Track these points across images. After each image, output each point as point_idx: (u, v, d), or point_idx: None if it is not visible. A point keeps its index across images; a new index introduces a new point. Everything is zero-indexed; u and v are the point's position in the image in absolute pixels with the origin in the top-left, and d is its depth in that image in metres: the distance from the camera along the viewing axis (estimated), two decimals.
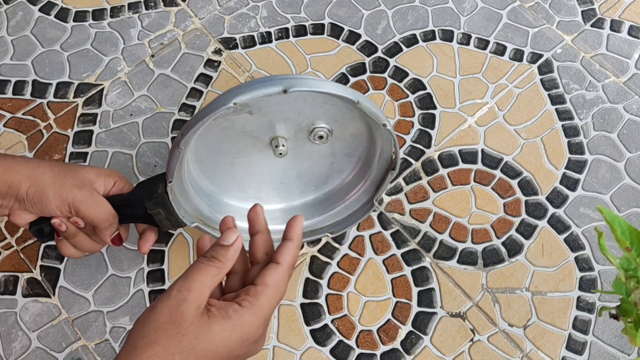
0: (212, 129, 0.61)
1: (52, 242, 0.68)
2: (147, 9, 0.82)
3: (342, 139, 0.61)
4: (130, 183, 0.60)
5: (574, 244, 0.68)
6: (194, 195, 0.63)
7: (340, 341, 0.64)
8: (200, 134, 0.59)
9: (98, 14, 0.82)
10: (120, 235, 0.59)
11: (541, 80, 0.77)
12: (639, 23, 0.81)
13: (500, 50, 0.79)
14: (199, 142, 0.61)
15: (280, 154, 0.60)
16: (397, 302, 0.66)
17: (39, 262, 0.68)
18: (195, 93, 0.77)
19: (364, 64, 0.78)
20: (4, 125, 0.75)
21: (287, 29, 0.81)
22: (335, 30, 0.81)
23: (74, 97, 0.77)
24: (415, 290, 0.67)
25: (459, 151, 0.73)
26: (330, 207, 0.67)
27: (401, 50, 0.79)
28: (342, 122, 0.59)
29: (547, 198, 0.71)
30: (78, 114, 0.76)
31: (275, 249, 0.46)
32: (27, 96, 0.76)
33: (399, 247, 0.68)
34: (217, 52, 0.79)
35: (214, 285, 0.43)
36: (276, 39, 0.80)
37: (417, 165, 0.73)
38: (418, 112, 0.75)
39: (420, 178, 0.72)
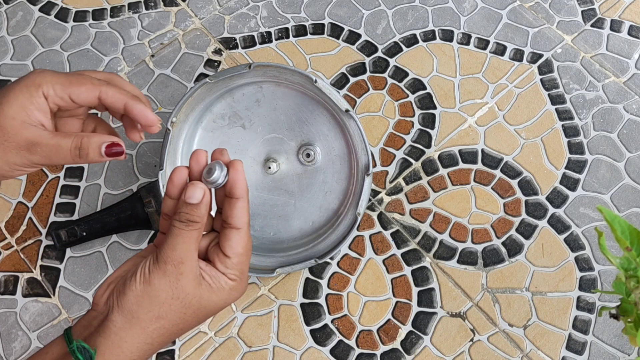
0: (210, 143, 0.64)
1: (51, 242, 0.68)
2: (147, 8, 0.82)
3: (331, 162, 0.64)
4: (65, 76, 0.45)
5: (574, 243, 0.68)
6: None
7: (340, 341, 0.64)
8: (199, 147, 0.64)
9: (98, 14, 0.82)
10: (113, 143, 0.45)
11: (541, 80, 0.77)
12: (639, 23, 0.81)
13: (500, 50, 0.79)
14: None
15: (269, 168, 0.65)
16: (397, 302, 0.66)
17: (39, 262, 0.68)
18: None
19: (364, 63, 0.78)
20: None
21: (287, 29, 0.81)
22: (335, 30, 0.81)
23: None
24: (415, 290, 0.67)
25: (459, 151, 0.73)
26: (321, 236, 0.65)
27: (401, 50, 0.79)
28: (327, 141, 0.62)
29: (547, 198, 0.71)
30: None
31: (230, 211, 0.44)
32: None
33: (399, 247, 0.68)
34: (217, 52, 0.79)
35: (198, 248, 0.43)
36: (276, 39, 0.80)
37: (417, 165, 0.73)
38: (418, 112, 0.75)
39: (420, 178, 0.72)
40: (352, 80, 0.77)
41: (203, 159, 0.44)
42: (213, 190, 0.45)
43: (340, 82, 0.77)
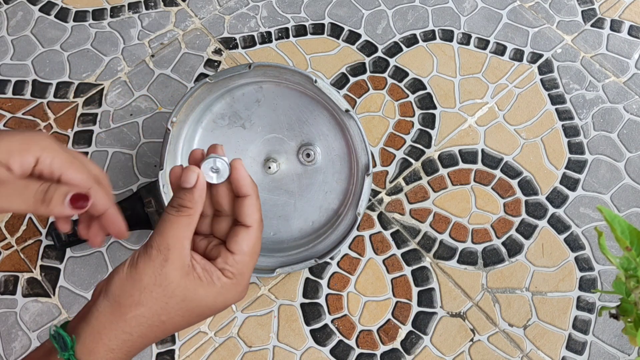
0: (210, 143, 0.64)
1: (51, 242, 0.68)
2: (147, 8, 0.82)
3: (331, 162, 0.64)
4: (68, 154, 0.45)
5: (574, 243, 0.68)
6: None
7: (340, 341, 0.64)
8: (199, 147, 0.64)
9: (98, 14, 0.82)
10: (79, 195, 0.43)
11: (541, 80, 0.77)
12: (639, 23, 0.81)
13: (500, 50, 0.79)
14: None
15: (269, 168, 0.65)
16: (397, 302, 0.66)
17: (39, 262, 0.68)
18: None
19: (364, 63, 0.78)
20: (4, 125, 0.75)
21: (287, 28, 0.81)
22: (335, 30, 0.81)
23: (74, 97, 0.77)
24: (415, 290, 0.67)
25: (459, 151, 0.73)
26: (321, 236, 0.65)
27: (401, 50, 0.79)
28: (327, 141, 0.62)
29: (547, 198, 0.71)
30: (78, 114, 0.76)
31: (239, 209, 0.43)
32: (27, 96, 0.77)
33: (399, 247, 0.68)
34: (217, 52, 0.79)
35: (191, 235, 0.41)
36: (276, 39, 0.80)
37: (417, 165, 0.73)
38: (418, 112, 0.75)
39: (420, 178, 0.72)
40: (352, 80, 0.77)
41: (199, 157, 0.44)
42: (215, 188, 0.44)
43: (340, 82, 0.77)
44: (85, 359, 0.39)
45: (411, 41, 0.80)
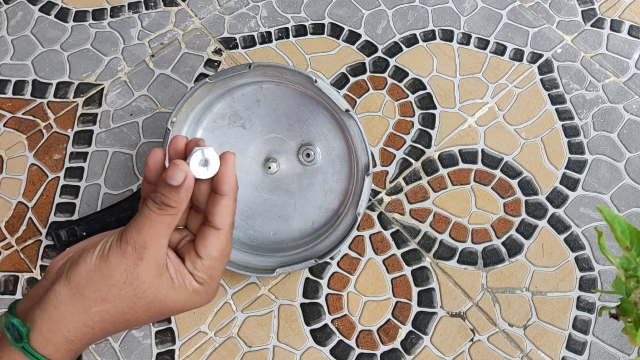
0: (210, 143, 0.64)
1: (51, 242, 0.68)
2: (147, 8, 0.82)
3: (331, 162, 0.64)
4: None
5: (574, 243, 0.68)
6: None
7: (340, 341, 0.64)
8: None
9: (98, 14, 0.82)
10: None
11: (541, 80, 0.77)
12: (639, 23, 0.81)
13: (500, 50, 0.79)
14: None
15: (269, 168, 0.65)
16: (397, 302, 0.66)
17: (39, 262, 0.68)
18: None
19: (364, 63, 0.78)
20: (4, 125, 0.75)
21: (287, 28, 0.81)
22: (335, 30, 0.81)
23: (74, 97, 0.77)
24: (415, 290, 0.67)
25: (459, 151, 0.73)
26: (321, 236, 0.65)
27: (401, 50, 0.79)
28: (327, 141, 0.62)
29: (547, 198, 0.71)
30: (78, 114, 0.76)
31: (212, 208, 0.39)
32: (27, 96, 0.76)
33: (399, 247, 0.68)
34: (217, 52, 0.79)
35: (169, 234, 0.38)
36: (276, 39, 0.80)
37: (417, 165, 0.73)
38: (418, 112, 0.75)
39: (420, 178, 0.72)
40: (352, 80, 0.77)
41: (182, 145, 0.40)
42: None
43: (340, 82, 0.77)
44: (41, 350, 0.37)
45: (411, 41, 0.80)
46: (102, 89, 0.77)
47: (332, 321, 0.65)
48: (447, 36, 0.80)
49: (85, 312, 0.37)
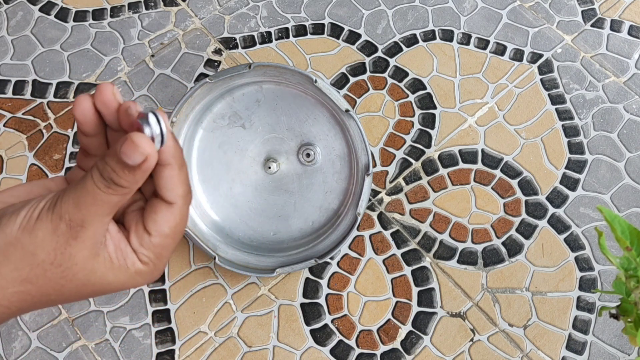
0: (210, 143, 0.65)
1: None
2: (147, 8, 0.82)
3: (331, 162, 0.64)
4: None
5: (574, 243, 0.68)
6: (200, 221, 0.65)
7: (340, 341, 0.64)
8: (200, 149, 0.64)
9: (98, 14, 0.82)
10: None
11: (541, 80, 0.77)
12: (639, 23, 0.81)
13: (500, 50, 0.79)
14: (200, 158, 0.65)
15: (269, 168, 0.65)
16: (397, 302, 0.66)
17: None
18: None
19: (364, 63, 0.78)
20: (4, 125, 0.75)
21: (287, 28, 0.81)
22: (335, 30, 0.81)
23: (74, 97, 0.77)
24: (415, 290, 0.67)
25: (459, 151, 0.73)
26: (321, 236, 0.65)
27: (401, 50, 0.79)
28: (327, 141, 0.62)
29: (547, 198, 0.71)
30: None
31: (158, 181, 0.33)
32: (27, 96, 0.76)
33: (399, 247, 0.68)
34: (217, 52, 0.79)
35: (114, 212, 0.32)
36: (276, 39, 0.80)
37: (417, 165, 0.73)
38: (418, 112, 0.75)
39: (420, 178, 0.72)
40: (352, 80, 0.77)
41: (109, 96, 0.33)
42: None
43: (340, 82, 0.77)
44: None
45: (411, 41, 0.80)
46: None
47: (332, 321, 0.65)
48: (447, 36, 0.80)
49: (0, 292, 0.31)
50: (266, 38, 0.80)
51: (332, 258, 0.68)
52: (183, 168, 0.33)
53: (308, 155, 0.64)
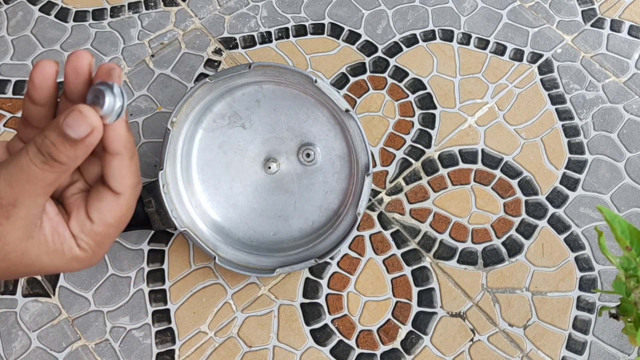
0: (210, 143, 0.65)
1: None
2: (147, 8, 0.82)
3: (331, 162, 0.64)
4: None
5: (574, 243, 0.68)
6: (199, 220, 0.65)
7: (340, 341, 0.64)
8: (200, 149, 0.65)
9: (98, 14, 0.82)
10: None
11: (541, 80, 0.77)
12: (639, 23, 0.81)
13: (500, 50, 0.79)
14: (200, 158, 0.65)
15: (269, 168, 0.65)
16: (397, 302, 0.66)
17: None
18: None
19: (364, 63, 0.78)
20: (4, 125, 0.75)
21: (287, 28, 0.81)
22: (335, 30, 0.81)
23: None
24: (415, 290, 0.67)
25: (459, 151, 0.73)
26: (321, 236, 0.65)
27: (401, 50, 0.79)
28: (327, 141, 0.62)
29: (547, 198, 0.71)
30: None
31: (106, 170, 0.32)
32: None
33: (399, 247, 0.68)
34: (217, 52, 0.79)
35: (51, 192, 0.30)
36: (276, 39, 0.80)
37: (417, 165, 0.73)
38: (418, 112, 0.75)
39: (420, 178, 0.72)
40: (352, 80, 0.77)
41: (84, 66, 0.31)
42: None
43: (340, 82, 0.77)
44: None
45: (411, 41, 0.80)
46: None
47: (332, 321, 0.65)
48: (447, 36, 0.80)
49: None
50: (266, 38, 0.80)
51: (332, 258, 0.68)
52: (134, 158, 0.32)
53: (308, 155, 0.64)
